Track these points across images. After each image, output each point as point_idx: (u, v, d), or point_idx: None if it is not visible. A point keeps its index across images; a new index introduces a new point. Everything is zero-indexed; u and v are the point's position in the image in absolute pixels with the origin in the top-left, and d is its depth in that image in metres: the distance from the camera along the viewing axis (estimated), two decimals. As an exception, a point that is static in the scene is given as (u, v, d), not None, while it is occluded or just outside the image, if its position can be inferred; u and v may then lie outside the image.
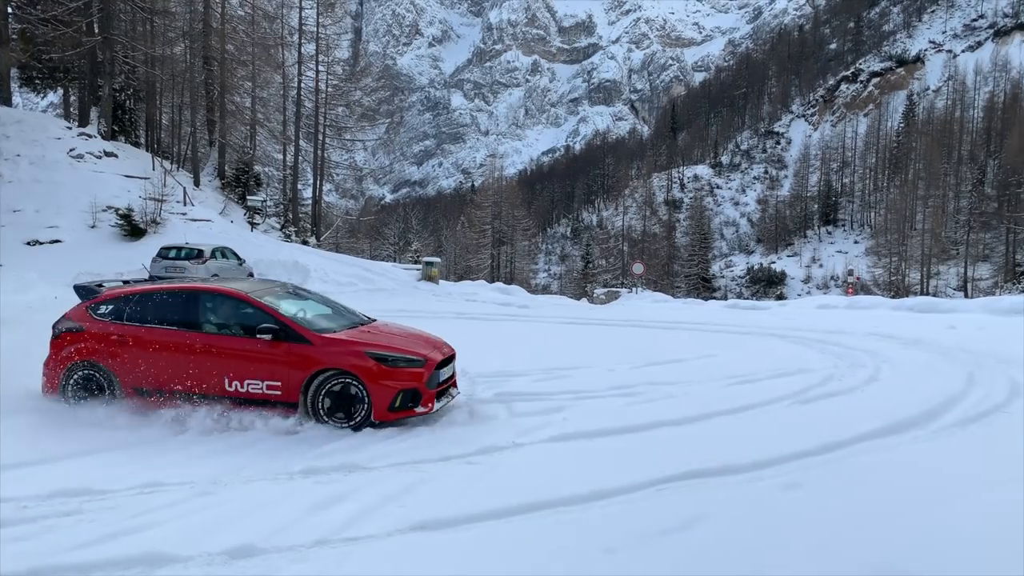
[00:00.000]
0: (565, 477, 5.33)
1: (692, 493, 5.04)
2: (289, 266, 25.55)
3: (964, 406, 7.67)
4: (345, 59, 53.12)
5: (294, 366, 6.92)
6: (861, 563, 3.76)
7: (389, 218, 74.47)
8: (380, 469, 5.63)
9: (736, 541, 4.18)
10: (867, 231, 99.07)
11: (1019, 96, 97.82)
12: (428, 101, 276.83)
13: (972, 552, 3.79)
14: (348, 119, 47.71)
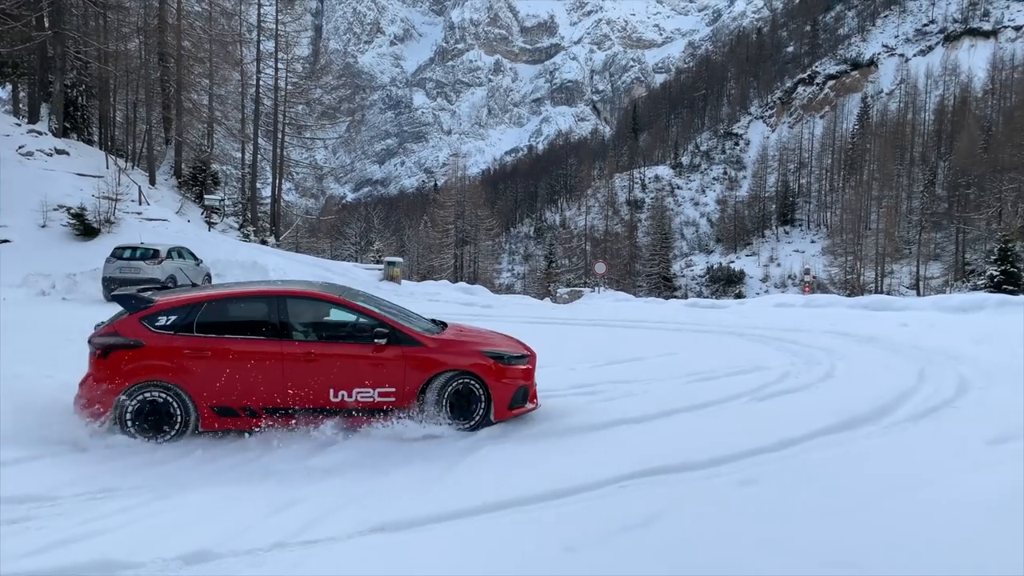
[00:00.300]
0: (525, 476, 5.34)
1: (652, 490, 5.09)
2: (248, 266, 25.19)
3: (915, 402, 7.87)
4: (305, 57, 52.52)
5: (412, 370, 6.65)
6: (815, 557, 3.83)
7: (350, 217, 73.87)
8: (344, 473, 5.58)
9: (695, 537, 4.23)
10: (823, 231, 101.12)
11: (968, 100, 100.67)
12: (390, 100, 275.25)
13: (920, 544, 3.89)
14: (308, 117, 47.21)
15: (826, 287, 67.71)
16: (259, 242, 36.30)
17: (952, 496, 4.64)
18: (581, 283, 64.84)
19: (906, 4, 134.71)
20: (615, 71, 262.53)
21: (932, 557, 3.68)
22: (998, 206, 65.94)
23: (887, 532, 4.09)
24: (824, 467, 5.61)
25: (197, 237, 27.94)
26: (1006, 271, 41.68)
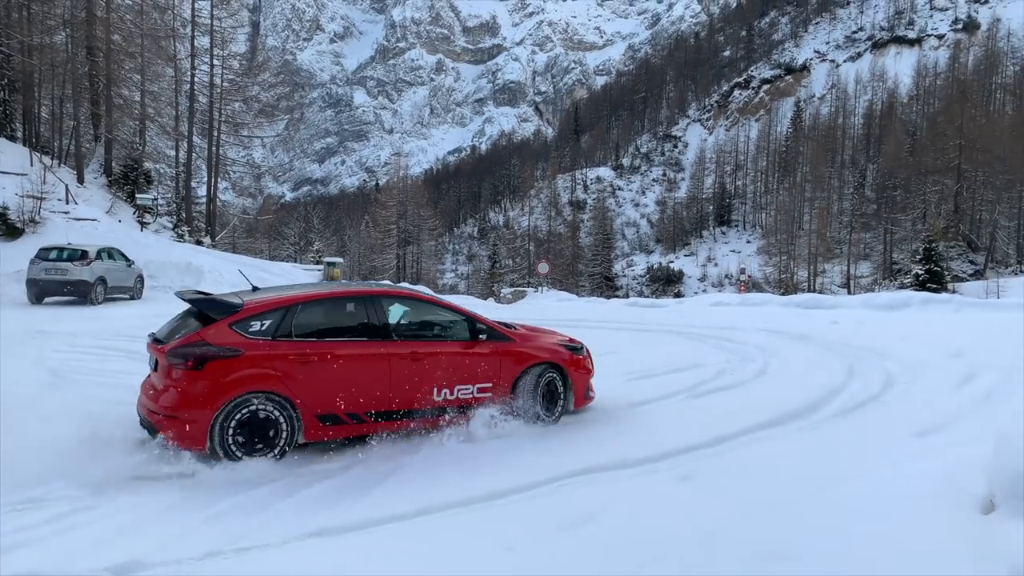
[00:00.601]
0: (464, 478, 5.34)
1: (590, 488, 5.14)
2: (182, 267, 24.54)
3: (844, 397, 8.12)
4: (242, 53, 51.42)
5: (508, 365, 6.82)
6: (751, 549, 3.91)
7: (289, 217, 72.56)
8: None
9: (633, 533, 4.28)
10: (759, 231, 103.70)
11: (894, 105, 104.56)
12: (330, 98, 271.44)
13: (851, 534, 4.01)
14: (245, 115, 46.21)
15: (761, 286, 69.46)
16: (194, 242, 35.37)
17: (880, 487, 4.80)
18: (525, 283, 65.08)
19: (836, 12, 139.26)
20: (557, 73, 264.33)
21: (863, 546, 3.80)
22: (923, 207, 68.63)
23: (820, 524, 4.20)
24: (758, 462, 5.76)
25: (128, 238, 27.07)
26: (930, 270, 43.45)
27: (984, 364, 9.56)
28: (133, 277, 21.74)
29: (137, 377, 8.94)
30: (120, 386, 8.43)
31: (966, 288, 46.57)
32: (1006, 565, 3.14)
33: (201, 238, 37.93)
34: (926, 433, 6.40)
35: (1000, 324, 14.32)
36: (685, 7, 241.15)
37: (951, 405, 7.48)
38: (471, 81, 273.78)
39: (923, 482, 4.53)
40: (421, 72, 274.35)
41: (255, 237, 57.94)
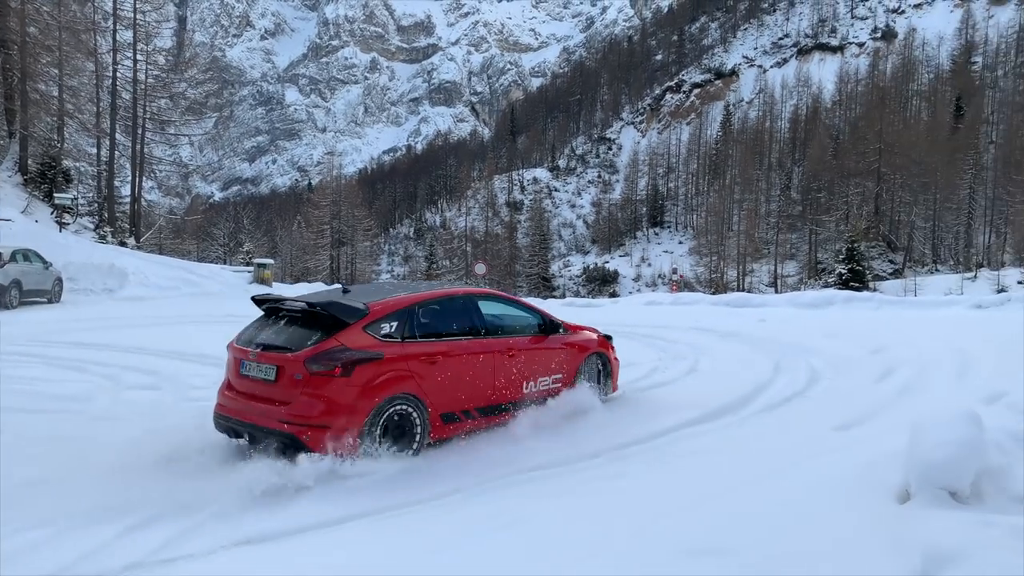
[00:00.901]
0: (392, 482, 5.28)
1: (524, 488, 5.16)
2: (104, 270, 23.62)
3: (771, 393, 8.36)
4: (168, 49, 49.72)
5: (573, 355, 7.44)
6: (684, 544, 3.97)
7: (218, 217, 70.53)
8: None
9: (567, 532, 4.30)
10: (690, 232, 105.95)
11: (819, 110, 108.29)
12: (261, 96, 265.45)
13: (779, 525, 4.11)
14: (171, 112, 44.70)
15: (693, 286, 70.97)
16: (118, 244, 34.07)
17: (804, 480, 4.95)
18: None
19: (763, 18, 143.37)
20: (493, 73, 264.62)
21: (788, 537, 3.90)
22: (845, 209, 71.27)
23: (748, 517, 4.30)
24: (690, 457, 5.87)
25: (46, 239, 25.86)
26: (852, 269, 45.11)
27: (902, 359, 9.98)
28: (51, 280, 20.80)
29: (54, 384, 8.58)
30: (36, 394, 8.07)
31: (886, 287, 48.60)
32: (920, 551, 3.27)
33: (125, 239, 36.55)
34: (847, 427, 6.64)
35: (917, 321, 14.98)
36: (618, 11, 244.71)
37: (871, 399, 7.78)
38: (406, 80, 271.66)
39: (844, 474, 4.69)
40: (355, 70, 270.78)
41: (183, 238, 56.16)
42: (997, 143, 78.27)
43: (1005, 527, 3.30)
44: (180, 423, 6.38)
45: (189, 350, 11.61)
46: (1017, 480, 4.13)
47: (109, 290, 23.28)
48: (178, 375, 9.61)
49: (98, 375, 9.53)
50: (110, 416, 7.25)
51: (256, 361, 5.72)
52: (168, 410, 7.60)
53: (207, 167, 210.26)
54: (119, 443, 6.05)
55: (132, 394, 8.45)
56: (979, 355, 9.86)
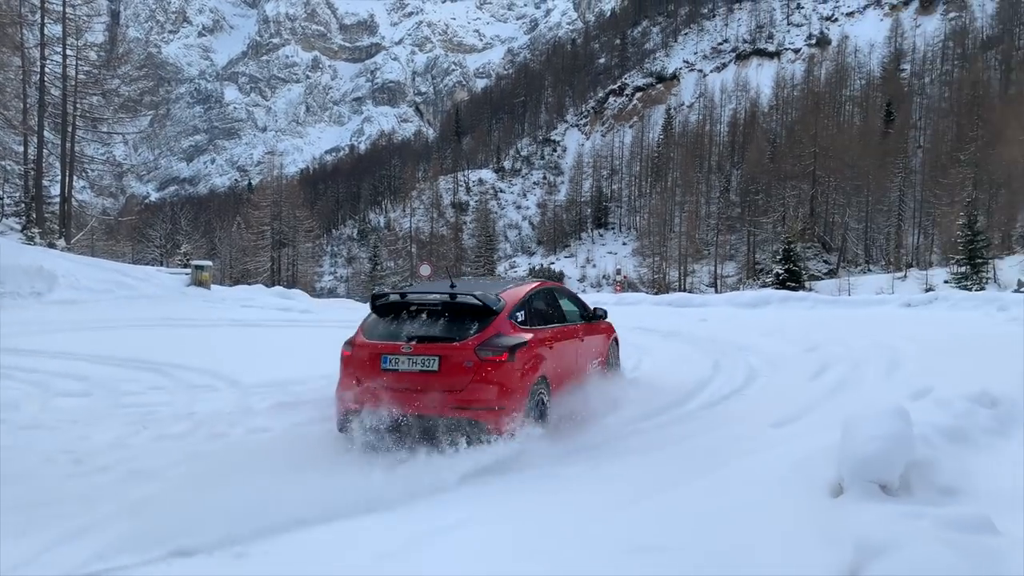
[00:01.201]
0: (341, 488, 5.21)
1: (464, 491, 5.14)
2: (32, 272, 22.65)
3: (710, 391, 8.53)
4: (100, 44, 47.98)
5: (608, 338, 8.59)
6: (621, 542, 4.01)
7: (154, 218, 68.47)
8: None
9: (510, 535, 4.30)
10: (633, 233, 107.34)
11: (756, 114, 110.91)
12: (199, 94, 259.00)
13: (711, 523, 4.18)
14: (104, 110, 43.18)
15: (636, 286, 71.92)
16: (46, 245, 32.78)
17: (741, 476, 5.05)
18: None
19: (703, 24, 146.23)
20: (437, 74, 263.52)
21: (725, 533, 3.97)
22: (782, 211, 73.10)
23: (687, 514, 4.36)
24: (630, 456, 5.93)
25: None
26: (789, 269, 46.33)
27: (835, 357, 10.28)
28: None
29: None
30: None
31: (821, 286, 50.04)
32: (852, 543, 3.37)
33: (54, 240, 35.19)
34: (784, 423, 6.80)
35: (850, 320, 15.46)
36: (562, 14, 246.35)
37: (806, 396, 7.99)
38: (349, 79, 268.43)
39: (780, 469, 4.79)
40: (296, 69, 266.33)
41: (117, 239, 54.39)
42: (924, 148, 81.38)
43: (932, 518, 3.41)
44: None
45: (122, 355, 11.23)
46: (943, 472, 4.30)
47: (37, 293, 22.34)
48: (110, 381, 9.28)
49: (25, 382, 9.14)
50: (37, 425, 6.96)
51: (412, 354, 5.95)
52: (101, 417, 7.35)
53: (142, 166, 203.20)
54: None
55: (62, 401, 8.14)
56: (908, 352, 10.22)
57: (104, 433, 6.65)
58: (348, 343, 6.41)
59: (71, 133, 39.14)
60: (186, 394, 8.58)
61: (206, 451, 6.11)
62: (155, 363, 10.66)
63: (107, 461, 5.74)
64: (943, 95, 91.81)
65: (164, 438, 6.55)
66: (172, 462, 5.76)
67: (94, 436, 6.52)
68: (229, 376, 9.59)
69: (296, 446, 6.25)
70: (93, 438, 6.45)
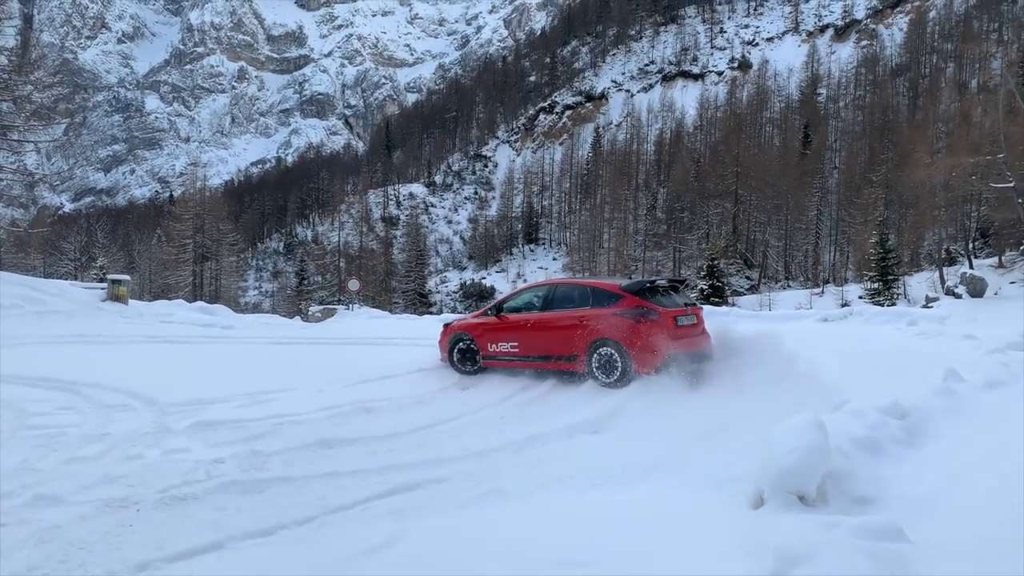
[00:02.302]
0: (261, 508, 5.06)
1: (398, 505, 5.07)
2: (-68, 286, 21.39)
3: (638, 405, 8.64)
4: (11, 48, 45.83)
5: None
6: (549, 557, 4.00)
7: (68, 231, 65.58)
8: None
9: (441, 549, 4.24)
10: (564, 249, 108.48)
11: (682, 134, 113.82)
12: (118, 102, 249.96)
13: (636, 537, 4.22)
14: (15, 117, 41.18)
15: (567, 301, 72.29)
16: (-52, 258, 31.00)
17: (667, 490, 5.12)
18: (335, 300, 63.35)
19: (631, 45, 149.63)
20: (367, 87, 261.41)
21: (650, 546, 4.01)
22: (706, 228, 75.04)
23: (612, 528, 4.38)
24: (556, 469, 5.94)
25: None
26: (713, 285, 47.55)
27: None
28: None
29: None
30: None
31: (743, 301, 51.43)
32: (772, 553, 3.46)
33: (-43, 253, 33.32)
34: (706, 436, 6.95)
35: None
36: (493, 31, 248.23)
37: (727, 410, 8.18)
38: (276, 91, 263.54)
39: (704, 482, 4.90)
40: (221, 79, 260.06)
41: (27, 252, 51.83)
42: (840, 168, 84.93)
43: (846, 527, 3.54)
44: None
45: (30, 373, 10.68)
46: (857, 482, 4.47)
47: (-63, 308, 21.09)
48: (17, 401, 8.80)
49: (-79, 404, 8.59)
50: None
51: (689, 314, 10.32)
52: (6, 440, 6.95)
53: (56, 176, 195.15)
54: None
55: (-39, 423, 7.66)
56: (825, 365, 10.59)
57: (9, 457, 6.29)
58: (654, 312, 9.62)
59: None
60: (99, 414, 8.21)
61: (118, 474, 5.85)
62: (66, 382, 10.18)
63: (11, 486, 5.43)
64: (856, 119, 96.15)
65: (74, 461, 6.24)
66: (82, 486, 5.49)
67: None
68: (146, 395, 9.23)
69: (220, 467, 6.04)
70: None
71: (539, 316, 10.42)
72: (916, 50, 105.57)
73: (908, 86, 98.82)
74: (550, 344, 10.05)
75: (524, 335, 10.44)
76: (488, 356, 10.90)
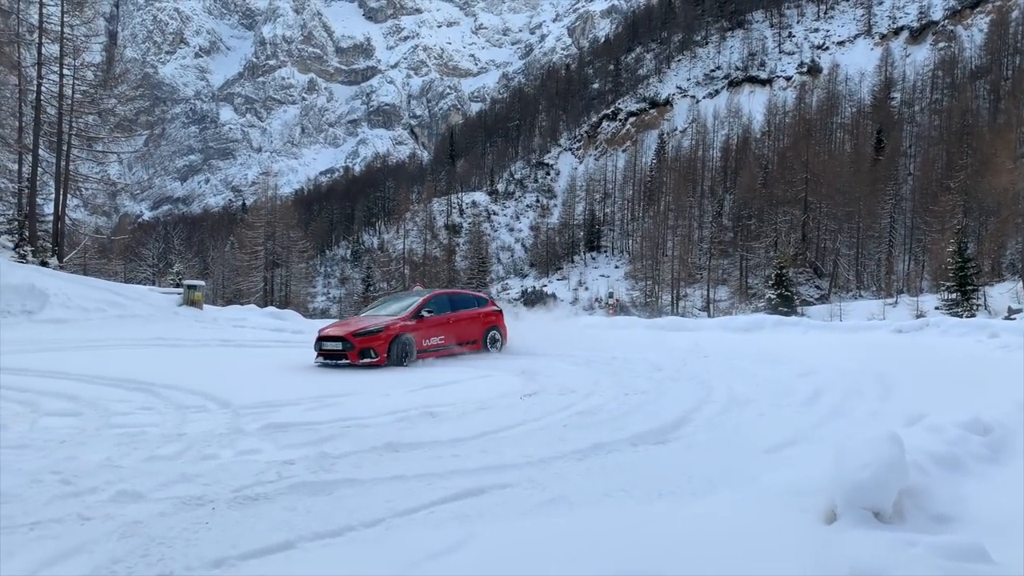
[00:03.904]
0: (330, 510, 5.17)
1: (463, 509, 5.11)
2: (23, 291, 22.56)
3: (704, 415, 8.51)
4: (97, 64, 48.08)
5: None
6: (617, 566, 3.97)
7: (147, 237, 68.37)
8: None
9: (509, 555, 4.26)
10: (626, 257, 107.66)
11: (749, 140, 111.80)
12: (194, 114, 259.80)
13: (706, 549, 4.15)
14: (100, 129, 43.20)
15: (628, 309, 71.96)
16: (39, 263, 32.65)
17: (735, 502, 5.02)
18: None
19: (696, 51, 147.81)
20: (432, 97, 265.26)
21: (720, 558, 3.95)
22: (774, 236, 73.56)
23: (681, 539, 4.32)
24: (621, 479, 5.89)
25: (-40, 258, 24.65)
26: (781, 294, 46.52)
27: (828, 383, 10.30)
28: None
29: None
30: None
31: (813, 311, 50.18)
32: (847, 569, 3.36)
33: (47, 259, 35.07)
34: (777, 449, 6.79)
35: (842, 345, 15.50)
36: (557, 39, 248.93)
37: (799, 422, 7.99)
38: (344, 102, 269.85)
39: (774, 496, 4.78)
40: (292, 91, 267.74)
41: (109, 258, 54.22)
42: (915, 175, 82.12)
43: (926, 545, 3.42)
44: None
45: (113, 374, 11.17)
46: (936, 499, 4.30)
47: (28, 312, 22.23)
48: (100, 400, 9.21)
49: (14, 401, 9.07)
50: (25, 444, 6.89)
51: None
52: (90, 437, 7.28)
53: (137, 185, 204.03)
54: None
55: (51, 421, 8.07)
56: (900, 378, 10.24)
57: (93, 453, 6.59)
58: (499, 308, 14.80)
59: (66, 152, 39.12)
60: (176, 415, 8.52)
61: (195, 472, 6.05)
62: (146, 383, 10.62)
63: (96, 482, 5.68)
64: (933, 123, 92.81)
65: (154, 459, 6.49)
66: (161, 483, 5.70)
67: (83, 456, 6.46)
68: (220, 397, 9.54)
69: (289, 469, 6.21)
70: (82, 458, 6.39)
71: (453, 315, 14.74)
72: (997, 51, 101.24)
73: (989, 89, 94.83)
74: (462, 333, 14.58)
75: (446, 330, 14.43)
76: (423, 350, 13.99)
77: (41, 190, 40.60)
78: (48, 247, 38.28)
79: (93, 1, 45.28)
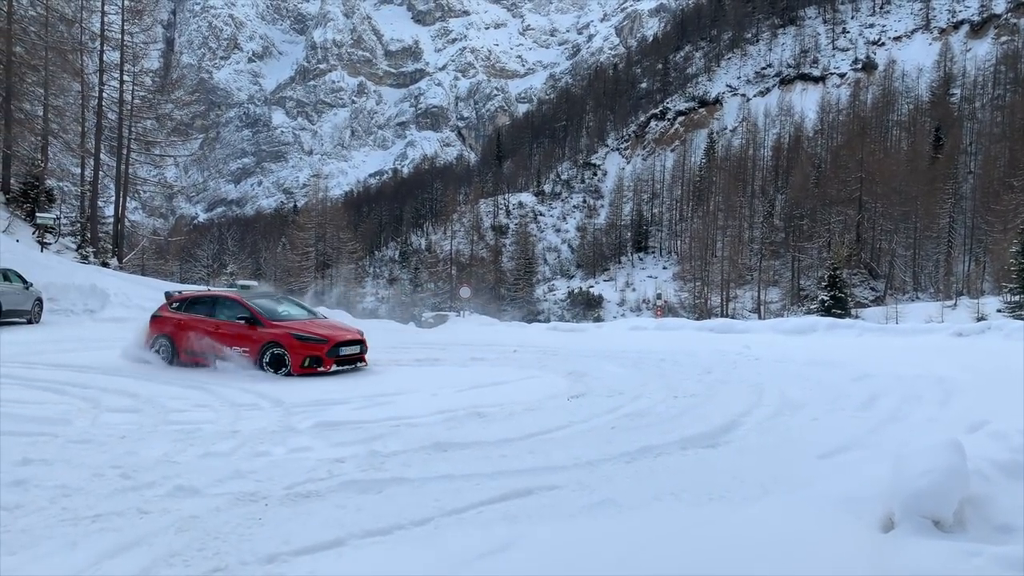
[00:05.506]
0: (380, 508, 5.22)
1: (511, 510, 5.12)
2: (86, 290, 23.39)
3: (755, 419, 8.37)
4: (155, 70, 49.61)
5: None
6: (671, 570, 3.94)
7: (202, 238, 70.16)
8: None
9: (556, 556, 4.26)
10: (674, 258, 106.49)
11: (801, 138, 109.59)
12: (247, 117, 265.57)
13: (760, 554, 4.09)
14: (158, 133, 44.63)
15: (676, 311, 71.18)
16: (100, 264, 33.81)
17: (789, 507, 4.93)
18: (447, 307, 64.72)
19: (747, 48, 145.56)
20: (479, 99, 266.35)
21: (776, 564, 3.88)
22: (827, 236, 71.96)
23: (734, 543, 4.27)
24: (672, 484, 5.83)
25: (27, 258, 25.63)
26: (835, 296, 45.43)
27: (885, 387, 10.03)
28: (31, 300, 20.56)
29: (32, 407, 8.46)
30: (13, 416, 7.92)
31: (868, 314, 48.95)
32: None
33: (107, 259, 36.28)
34: (832, 454, 6.65)
35: (899, 348, 15.09)
36: (604, 39, 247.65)
37: (855, 427, 7.80)
38: (393, 104, 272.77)
39: (828, 502, 4.68)
40: (342, 94, 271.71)
41: (166, 259, 55.83)
42: (976, 173, 79.51)
43: (989, 556, 3.31)
44: None
45: (169, 373, 11.50)
46: (999, 509, 4.15)
47: (90, 311, 23.05)
48: (158, 398, 9.49)
49: (77, 397, 9.40)
50: (87, 439, 7.13)
51: None
52: (148, 433, 7.50)
53: (192, 188, 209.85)
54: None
55: (111, 417, 8.33)
56: (961, 383, 9.93)
57: (152, 449, 6.78)
58: None
59: (126, 155, 40.43)
60: (230, 412, 8.73)
61: (248, 469, 6.18)
62: (200, 381, 10.92)
63: (154, 477, 5.85)
64: (995, 120, 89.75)
65: (209, 455, 6.66)
66: (216, 479, 5.84)
67: (142, 452, 6.66)
68: (272, 395, 9.76)
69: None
70: (141, 453, 6.59)
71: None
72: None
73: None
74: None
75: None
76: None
77: (102, 193, 42.06)
78: (109, 248, 39.62)
79: (152, 9, 46.69)
